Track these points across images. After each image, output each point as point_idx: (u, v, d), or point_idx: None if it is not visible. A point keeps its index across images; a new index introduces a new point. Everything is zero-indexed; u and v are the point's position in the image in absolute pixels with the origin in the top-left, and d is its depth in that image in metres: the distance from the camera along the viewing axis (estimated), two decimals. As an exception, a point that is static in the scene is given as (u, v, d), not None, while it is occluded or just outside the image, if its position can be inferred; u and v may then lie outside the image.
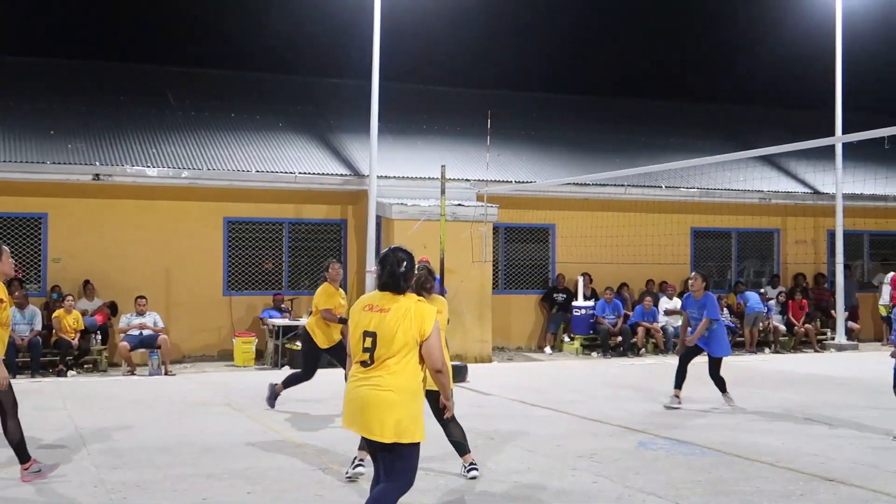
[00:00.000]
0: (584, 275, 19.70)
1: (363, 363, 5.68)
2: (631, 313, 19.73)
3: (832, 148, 20.28)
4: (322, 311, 11.59)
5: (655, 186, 20.46)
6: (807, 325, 20.55)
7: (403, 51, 24.93)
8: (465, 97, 24.40)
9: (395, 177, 18.79)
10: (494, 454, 9.03)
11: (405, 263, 5.84)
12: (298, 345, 15.01)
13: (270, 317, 17.48)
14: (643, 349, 19.32)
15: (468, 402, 12.13)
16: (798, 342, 20.61)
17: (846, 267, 21.04)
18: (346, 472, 8.06)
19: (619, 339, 19.19)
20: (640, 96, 28.62)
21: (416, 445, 5.62)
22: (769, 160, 22.79)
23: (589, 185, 19.76)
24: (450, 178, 16.89)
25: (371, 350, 5.64)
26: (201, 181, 17.76)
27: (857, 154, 21.14)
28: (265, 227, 18.85)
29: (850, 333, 21.07)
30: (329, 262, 12.23)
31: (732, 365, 13.87)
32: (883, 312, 20.88)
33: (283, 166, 18.56)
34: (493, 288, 18.83)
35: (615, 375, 15.93)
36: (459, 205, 17.88)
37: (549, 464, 8.73)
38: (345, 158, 19.50)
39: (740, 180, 20.74)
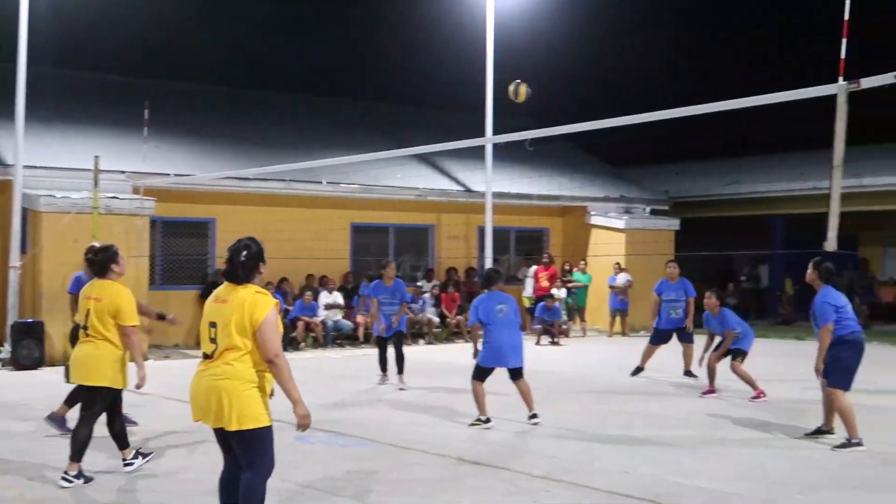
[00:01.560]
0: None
1: (207, 355, 5.77)
2: (291, 308, 19.81)
3: (483, 148, 21.35)
4: None
5: (316, 182, 20.66)
6: (458, 317, 21.52)
7: (56, 33, 23.60)
8: (123, 86, 23.47)
9: (43, 167, 17.71)
10: (155, 455, 8.76)
11: (244, 254, 5.91)
12: None
13: None
14: (303, 343, 19.47)
15: (132, 402, 11.68)
16: (450, 333, 21.55)
17: (495, 261, 22.25)
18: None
19: (280, 333, 19.18)
20: (303, 92, 28.82)
21: (265, 429, 5.73)
22: (425, 158, 23.65)
23: (251, 179, 19.61)
24: (104, 170, 16.23)
25: (215, 340, 5.73)
26: None
27: (505, 155, 22.39)
28: None
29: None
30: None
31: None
32: (526, 304, 22.37)
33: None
34: (150, 283, 18.28)
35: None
36: (114, 197, 17.19)
37: (207, 461, 8.59)
38: (-14, 146, 18.13)
39: (398, 177, 21.40)
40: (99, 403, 8.03)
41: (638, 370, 14.84)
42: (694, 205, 27.18)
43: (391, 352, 14.06)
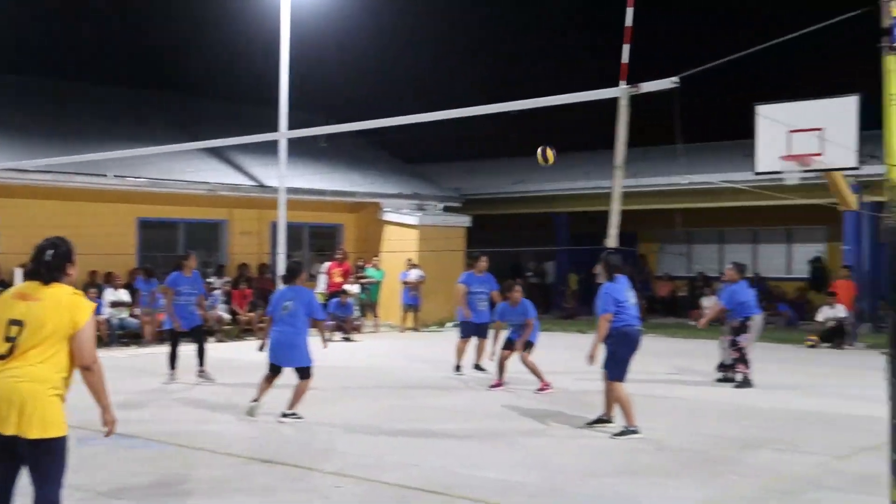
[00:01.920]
0: (24, 266, 18.60)
1: (1, 355, 5.29)
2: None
3: (276, 143, 21.13)
4: None
5: (101, 175, 19.89)
6: (250, 314, 21.23)
7: None
8: None
9: None
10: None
11: (49, 252, 5.50)
12: None
13: None
14: (88, 342, 18.71)
15: None
16: (241, 330, 21.20)
17: (289, 257, 22.07)
18: None
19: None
20: (87, 81, 27.70)
21: (65, 438, 5.34)
22: (217, 152, 23.19)
23: (30, 171, 18.68)
24: None
25: (14, 340, 5.27)
26: None
27: (299, 150, 22.25)
28: None
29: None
30: None
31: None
32: (321, 300, 22.30)
33: None
34: (-82, 280, 17.15)
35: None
36: None
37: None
38: None
39: (188, 171, 20.88)
40: None
41: (457, 368, 14.75)
42: (485, 202, 27.82)
43: (192, 346, 13.82)
